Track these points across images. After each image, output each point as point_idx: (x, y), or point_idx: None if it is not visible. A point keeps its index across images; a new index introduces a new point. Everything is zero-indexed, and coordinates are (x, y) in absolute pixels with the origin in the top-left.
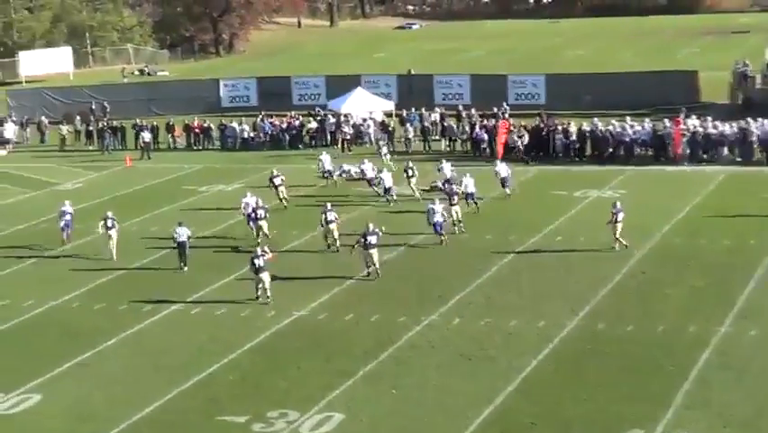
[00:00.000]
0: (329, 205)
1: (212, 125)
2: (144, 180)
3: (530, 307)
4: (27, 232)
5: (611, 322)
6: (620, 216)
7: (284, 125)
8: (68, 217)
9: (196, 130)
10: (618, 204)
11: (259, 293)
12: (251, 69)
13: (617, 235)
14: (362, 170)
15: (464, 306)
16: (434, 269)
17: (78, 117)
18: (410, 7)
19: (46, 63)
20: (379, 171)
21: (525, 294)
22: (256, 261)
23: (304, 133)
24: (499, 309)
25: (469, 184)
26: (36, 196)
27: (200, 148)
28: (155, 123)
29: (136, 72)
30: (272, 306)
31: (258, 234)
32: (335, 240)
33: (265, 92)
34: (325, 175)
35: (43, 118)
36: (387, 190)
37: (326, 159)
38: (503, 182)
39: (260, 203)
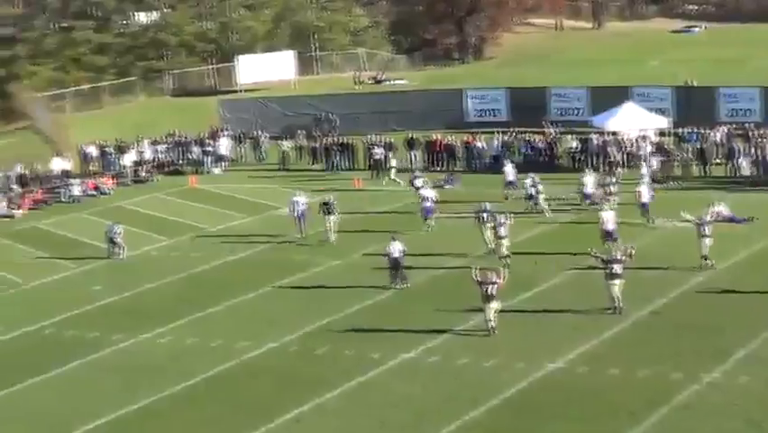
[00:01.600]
0: (502, 217)
1: (456, 142)
2: (374, 204)
3: None
4: (246, 261)
5: None
6: None
7: (540, 144)
8: (302, 207)
9: (438, 148)
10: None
11: (490, 326)
12: (501, 77)
13: None
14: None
15: (752, 361)
16: (711, 315)
17: (302, 132)
18: (691, 7)
19: (266, 69)
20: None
21: None
22: (489, 289)
23: (561, 152)
24: None
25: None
26: (252, 221)
27: (443, 168)
28: (390, 138)
29: (368, 81)
30: (522, 355)
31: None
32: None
33: (517, 105)
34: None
35: (262, 132)
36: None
37: (589, 181)
38: None
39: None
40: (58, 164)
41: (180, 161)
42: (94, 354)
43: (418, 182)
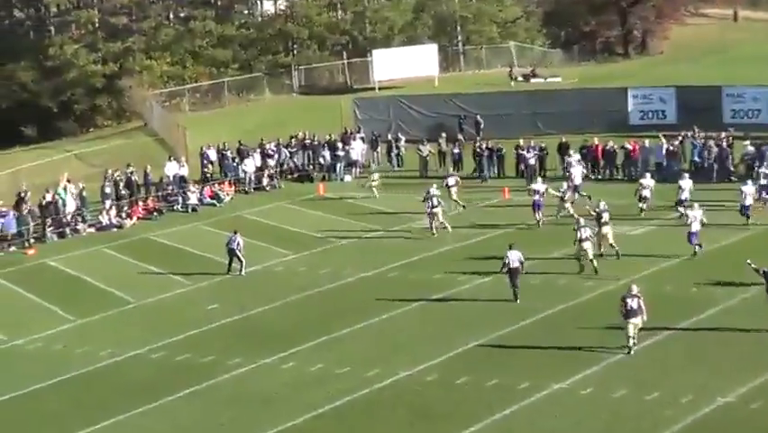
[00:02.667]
0: (582, 220)
1: (616, 148)
2: (524, 216)
3: None
4: (379, 279)
5: None
6: None
7: (714, 149)
8: (434, 201)
9: (597, 153)
10: None
11: (630, 343)
12: (669, 75)
13: None
14: None
15: None
16: None
17: (444, 135)
18: None
19: (405, 65)
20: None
21: None
22: (629, 301)
23: (737, 159)
24: None
25: None
26: (388, 234)
27: (600, 177)
28: (542, 143)
29: (520, 78)
30: (688, 387)
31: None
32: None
33: (686, 106)
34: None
35: (399, 135)
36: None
37: (749, 191)
38: None
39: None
40: (172, 169)
41: (308, 167)
42: (208, 380)
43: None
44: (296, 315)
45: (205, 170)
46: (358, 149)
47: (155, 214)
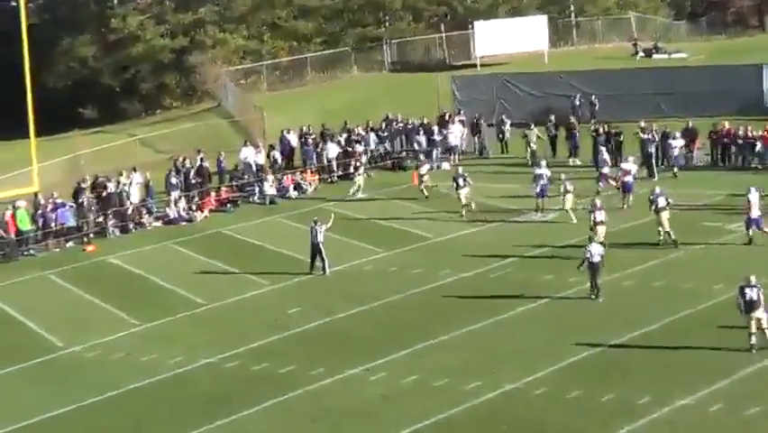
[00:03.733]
0: (598, 202)
1: (752, 132)
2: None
3: None
4: (481, 279)
5: None
6: None
7: None
8: (544, 182)
9: (726, 139)
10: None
11: (753, 341)
12: None
13: None
14: None
15: None
16: None
17: (553, 118)
18: None
19: (510, 38)
20: None
21: None
22: (748, 291)
23: None
24: None
25: None
26: (493, 230)
27: (730, 165)
28: (666, 127)
29: (641, 54)
30: None
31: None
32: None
33: None
34: None
35: (504, 118)
36: None
37: None
38: None
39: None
40: (248, 155)
41: (400, 153)
42: (287, 392)
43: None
44: (386, 320)
45: (286, 157)
46: (457, 133)
47: (229, 206)
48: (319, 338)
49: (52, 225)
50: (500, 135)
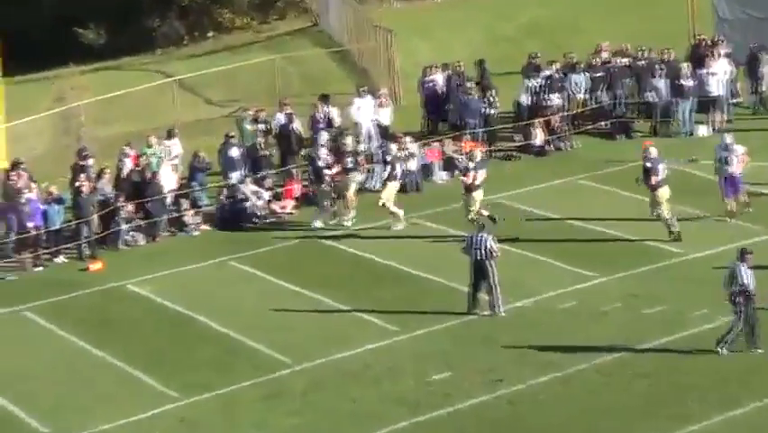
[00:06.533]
0: None
1: None
2: None
3: None
4: None
5: None
6: None
7: None
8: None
9: None
10: None
11: None
12: None
13: None
14: None
15: None
16: None
17: None
18: None
19: None
20: None
21: None
22: None
23: None
24: None
25: None
26: None
27: None
28: None
29: None
30: None
31: None
32: None
33: None
34: None
35: None
36: None
37: None
38: None
39: None
40: (365, 111)
41: (624, 108)
42: None
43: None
44: (599, 399)
45: (432, 113)
46: (721, 75)
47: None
48: (486, 428)
49: (30, 227)
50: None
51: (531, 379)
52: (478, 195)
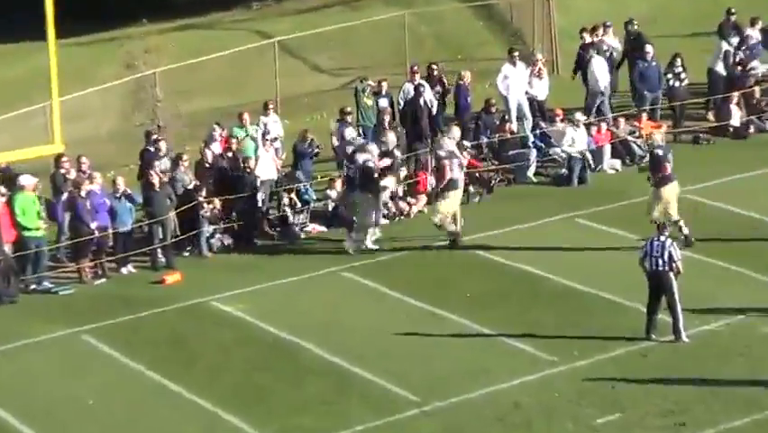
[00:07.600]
0: None
1: None
2: None
3: None
4: None
5: None
6: None
7: None
8: None
9: None
10: None
11: None
12: None
13: None
14: None
15: None
16: None
17: None
18: None
19: None
20: None
21: None
22: None
23: None
24: None
25: None
26: None
27: None
28: None
29: None
30: None
31: None
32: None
33: None
34: None
35: None
36: None
37: None
38: None
39: None
40: (515, 81)
41: None
42: None
43: None
44: None
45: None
46: None
47: (472, 189)
48: None
49: (91, 227)
50: None
51: (724, 422)
52: (669, 191)
